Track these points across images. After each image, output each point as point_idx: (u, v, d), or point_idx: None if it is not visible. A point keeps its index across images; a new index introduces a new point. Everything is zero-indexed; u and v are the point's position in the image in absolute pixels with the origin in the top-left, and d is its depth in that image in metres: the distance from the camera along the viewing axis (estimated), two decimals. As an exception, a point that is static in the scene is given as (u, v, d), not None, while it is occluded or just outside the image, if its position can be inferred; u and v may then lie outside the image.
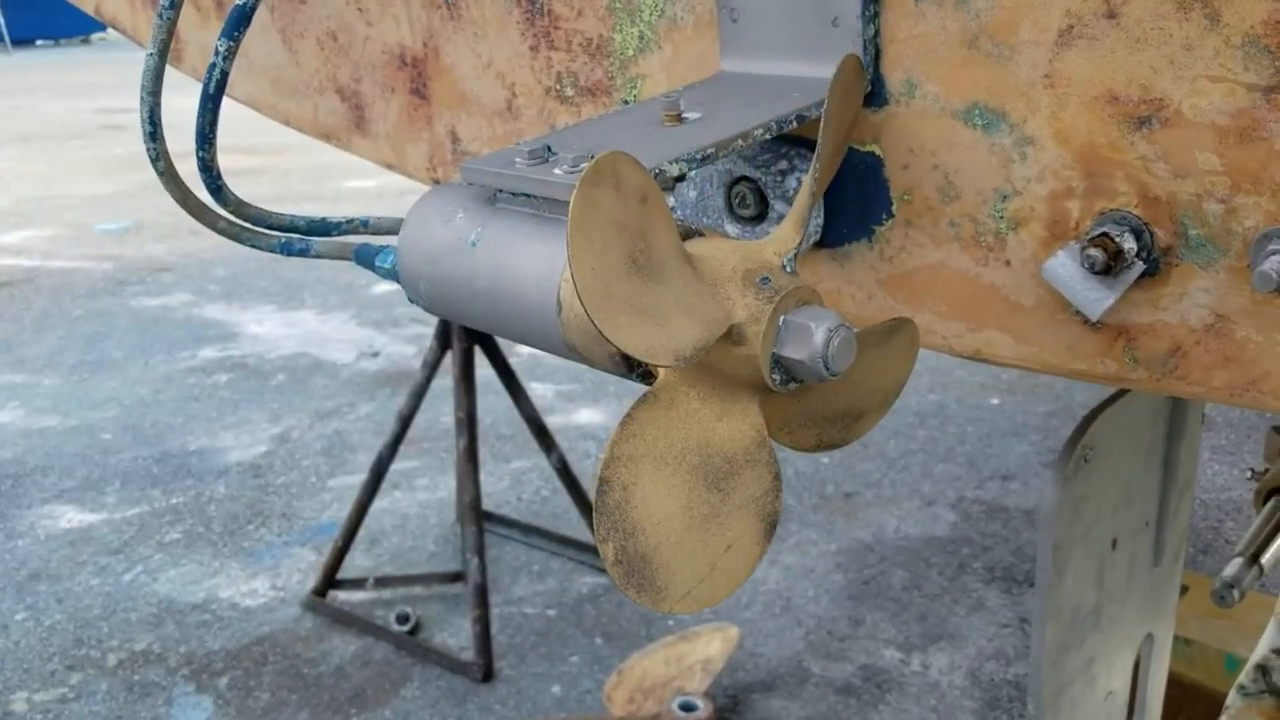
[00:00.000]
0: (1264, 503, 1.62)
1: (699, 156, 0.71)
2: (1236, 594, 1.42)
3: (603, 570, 3.12)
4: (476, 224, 0.73)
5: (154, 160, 0.82)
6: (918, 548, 3.31)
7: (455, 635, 2.88)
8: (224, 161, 0.86)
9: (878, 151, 0.83)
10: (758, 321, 0.60)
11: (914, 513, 3.51)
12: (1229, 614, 2.40)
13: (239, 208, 0.87)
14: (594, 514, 0.60)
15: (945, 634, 2.88)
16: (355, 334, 5.11)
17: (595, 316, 0.55)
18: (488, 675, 2.71)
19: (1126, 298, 0.74)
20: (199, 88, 0.84)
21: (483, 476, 2.99)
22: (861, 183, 0.85)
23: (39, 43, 20.03)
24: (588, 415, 4.18)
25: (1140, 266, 0.72)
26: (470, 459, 2.79)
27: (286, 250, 0.89)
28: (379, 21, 1.21)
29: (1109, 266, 0.71)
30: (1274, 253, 0.66)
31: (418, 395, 2.92)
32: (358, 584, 3.04)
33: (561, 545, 3.24)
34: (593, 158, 0.69)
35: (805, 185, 0.64)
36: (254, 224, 0.88)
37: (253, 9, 0.76)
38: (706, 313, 0.59)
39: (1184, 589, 2.55)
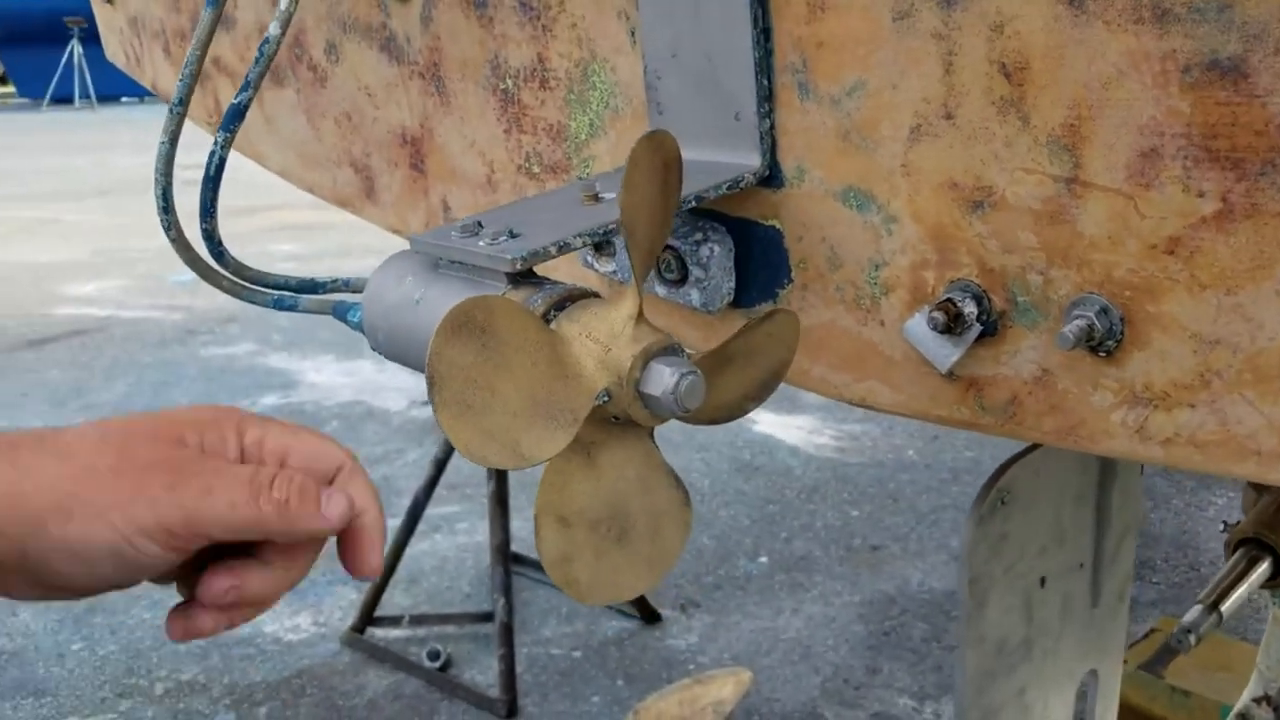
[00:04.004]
0: (1233, 553, 1.70)
1: (602, 231, 0.85)
2: (1193, 639, 1.51)
3: (628, 614, 3.24)
4: (421, 286, 0.87)
5: (166, 230, 0.98)
6: (940, 600, 3.38)
7: (483, 673, 3.00)
8: (294, 217, 1.02)
9: (778, 225, 0.96)
10: (620, 384, 0.74)
11: (939, 567, 3.58)
12: (1228, 666, 2.45)
13: (238, 269, 1.02)
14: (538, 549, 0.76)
15: (959, 684, 2.94)
16: (408, 383, 5.30)
17: (453, 440, 0.69)
18: (511, 711, 2.83)
19: (973, 354, 0.86)
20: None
21: (517, 521, 3.12)
22: (766, 252, 0.98)
23: (124, 100, 20.80)
24: (625, 465, 4.30)
25: (978, 328, 0.84)
26: (499, 503, 2.93)
27: (279, 305, 1.04)
28: (384, 105, 1.38)
29: (949, 327, 0.83)
30: (1077, 318, 0.78)
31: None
32: (394, 621, 3.18)
33: (590, 590, 3.35)
34: (511, 233, 0.84)
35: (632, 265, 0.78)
36: (251, 283, 1.04)
37: (246, 107, 0.92)
38: (565, 406, 0.73)
39: (1187, 642, 2.61)
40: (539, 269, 0.86)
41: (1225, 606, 1.54)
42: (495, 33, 1.17)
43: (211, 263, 1.01)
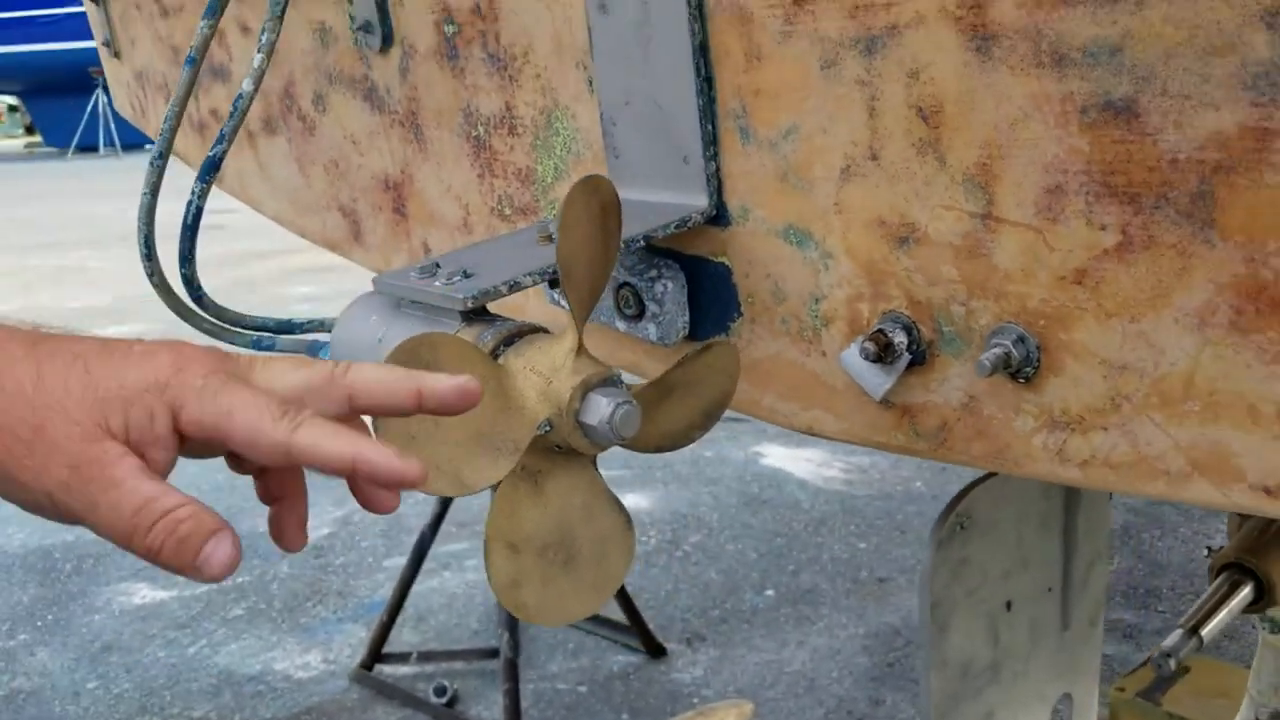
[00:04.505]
0: (1216, 577, 1.73)
1: (551, 270, 0.90)
2: (1173, 663, 1.53)
3: (634, 649, 3.26)
4: (384, 325, 0.92)
5: (150, 275, 1.03)
6: (945, 631, 3.38)
7: (490, 708, 3.03)
8: (311, 260, 1.07)
9: (727, 262, 1.01)
10: (560, 414, 0.78)
11: (945, 598, 3.58)
12: (1225, 693, 2.46)
13: (218, 312, 1.08)
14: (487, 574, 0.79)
15: (962, 714, 2.95)
16: (421, 423, 5.34)
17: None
18: (517, 745, 2.85)
19: (906, 382, 0.90)
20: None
21: (520, 557, 3.15)
22: (717, 287, 1.03)
23: (147, 148, 21.04)
24: (633, 500, 4.34)
25: (908, 357, 0.88)
26: (503, 539, 2.96)
27: (256, 346, 1.09)
28: (368, 153, 1.43)
29: (880, 357, 0.87)
30: (995, 346, 0.82)
31: (458, 479, 3.11)
32: (402, 658, 3.22)
33: (596, 624, 3.38)
34: (465, 273, 0.89)
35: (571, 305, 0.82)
36: (231, 324, 1.09)
37: (221, 159, 0.98)
38: (508, 436, 0.77)
39: (1185, 669, 2.62)
40: (499, 307, 0.91)
41: (1206, 631, 1.57)
42: (467, 83, 1.23)
43: (193, 306, 1.07)
